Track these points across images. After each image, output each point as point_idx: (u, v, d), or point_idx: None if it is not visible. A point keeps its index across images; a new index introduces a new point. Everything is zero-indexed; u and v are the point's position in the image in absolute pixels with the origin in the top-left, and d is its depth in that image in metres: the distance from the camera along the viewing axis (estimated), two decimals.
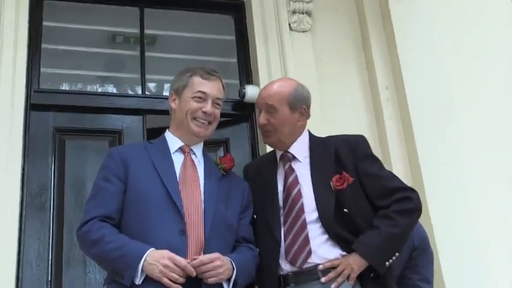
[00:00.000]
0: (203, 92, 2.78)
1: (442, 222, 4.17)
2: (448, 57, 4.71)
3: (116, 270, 2.48)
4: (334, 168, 2.82)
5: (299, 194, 2.81)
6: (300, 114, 2.95)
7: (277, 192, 2.87)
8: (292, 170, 2.89)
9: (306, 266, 2.71)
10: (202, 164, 2.82)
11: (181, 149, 2.80)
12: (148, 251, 2.45)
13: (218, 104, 2.84)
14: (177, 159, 2.76)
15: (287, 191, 2.84)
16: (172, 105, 2.84)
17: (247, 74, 4.73)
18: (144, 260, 2.43)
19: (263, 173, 2.99)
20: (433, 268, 3.42)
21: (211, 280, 2.49)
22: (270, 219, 2.83)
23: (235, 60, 4.85)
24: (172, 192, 2.60)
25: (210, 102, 2.79)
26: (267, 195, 2.89)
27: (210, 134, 2.85)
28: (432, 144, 4.43)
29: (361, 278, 2.70)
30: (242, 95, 4.54)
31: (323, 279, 2.67)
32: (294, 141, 2.95)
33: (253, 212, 2.90)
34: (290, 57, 4.59)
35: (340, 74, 4.66)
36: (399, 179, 2.91)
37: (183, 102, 2.79)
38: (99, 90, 4.83)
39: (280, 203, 2.84)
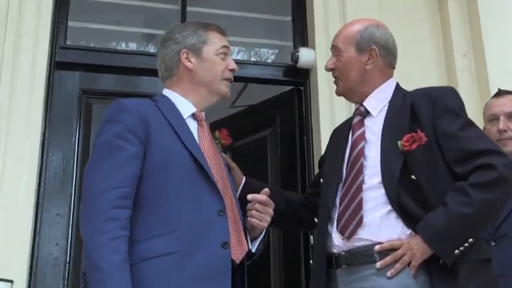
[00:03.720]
0: (227, 47, 2.59)
1: None
2: None
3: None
4: (408, 125, 2.43)
5: (361, 152, 2.48)
6: (369, 56, 2.60)
7: (345, 151, 2.59)
8: (361, 124, 2.59)
9: (359, 243, 2.36)
10: None
11: (193, 116, 2.50)
12: None
13: None
14: (192, 127, 2.47)
15: (351, 148, 2.56)
16: (188, 64, 2.53)
17: (302, 35, 4.34)
18: None
19: (341, 133, 2.73)
20: None
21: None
22: (327, 181, 2.59)
23: (289, 18, 4.45)
24: (205, 165, 2.32)
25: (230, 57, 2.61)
26: (335, 155, 2.64)
27: None
28: None
29: (428, 265, 2.27)
30: (295, 59, 4.16)
31: (378, 264, 2.28)
32: (370, 92, 2.62)
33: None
34: (352, 16, 3.97)
35: (410, 37, 4.17)
36: (488, 140, 2.42)
37: (207, 62, 2.54)
38: (134, 48, 4.50)
39: (345, 163, 2.54)
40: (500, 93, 3.25)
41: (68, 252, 3.52)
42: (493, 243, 2.88)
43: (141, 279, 2.11)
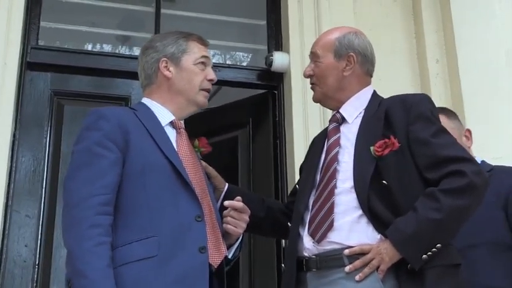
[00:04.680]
0: (207, 57, 2.58)
1: None
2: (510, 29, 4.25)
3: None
4: (382, 131, 2.43)
5: (335, 157, 2.49)
6: (347, 62, 2.60)
7: (320, 157, 2.59)
8: (337, 130, 2.59)
9: (329, 247, 2.35)
10: None
11: (172, 124, 2.50)
12: None
13: None
14: (170, 135, 2.46)
15: (325, 154, 2.56)
16: (167, 73, 2.53)
17: (276, 39, 4.35)
18: None
19: (319, 140, 2.72)
20: None
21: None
22: (302, 186, 2.60)
23: (264, 22, 4.44)
24: (182, 171, 2.32)
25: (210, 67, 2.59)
26: (311, 161, 2.66)
27: None
28: (486, 132, 3.90)
29: (396, 269, 2.27)
30: (269, 62, 4.17)
31: (347, 268, 2.27)
32: (347, 99, 2.61)
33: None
34: (327, 22, 4.13)
35: (385, 43, 4.20)
36: (459, 148, 2.41)
37: (185, 72, 2.53)
38: (107, 50, 4.46)
39: (320, 168, 2.55)
40: None
41: (38, 254, 3.49)
42: None
43: (120, 284, 2.09)
